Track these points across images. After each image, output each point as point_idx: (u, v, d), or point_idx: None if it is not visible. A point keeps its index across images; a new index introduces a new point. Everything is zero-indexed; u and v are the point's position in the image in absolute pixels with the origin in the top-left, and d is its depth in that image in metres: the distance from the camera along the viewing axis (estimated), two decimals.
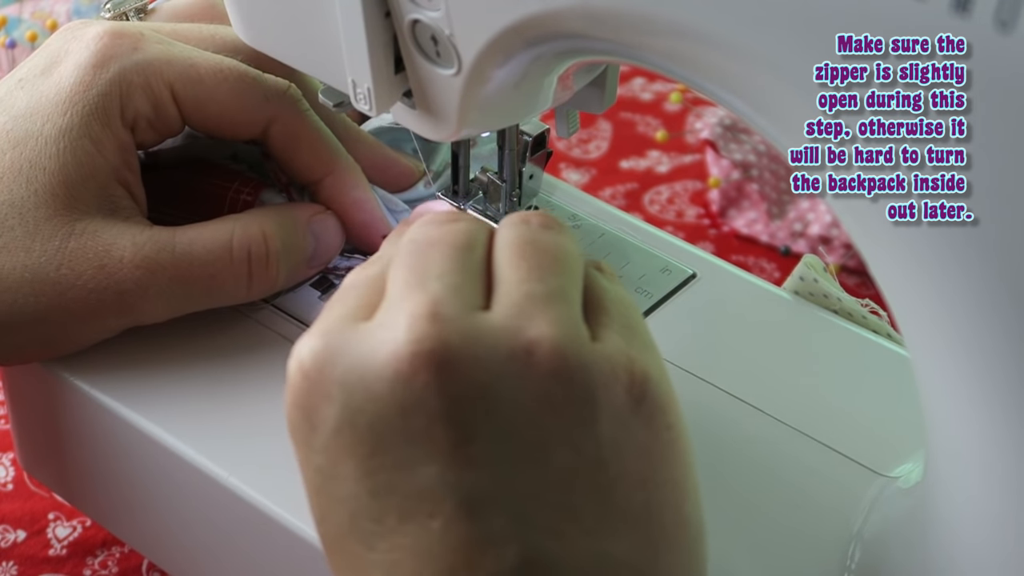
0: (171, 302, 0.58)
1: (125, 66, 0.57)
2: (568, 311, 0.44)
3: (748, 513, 0.54)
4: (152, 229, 0.57)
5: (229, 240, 0.58)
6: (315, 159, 0.61)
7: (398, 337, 0.43)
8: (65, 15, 0.92)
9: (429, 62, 0.52)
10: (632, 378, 0.44)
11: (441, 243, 0.46)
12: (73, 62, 0.57)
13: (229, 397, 0.57)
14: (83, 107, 0.57)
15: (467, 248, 0.46)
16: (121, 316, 0.58)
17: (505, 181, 0.63)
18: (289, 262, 0.59)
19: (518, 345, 0.43)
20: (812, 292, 0.62)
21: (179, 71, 0.58)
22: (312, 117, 0.61)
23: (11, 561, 0.67)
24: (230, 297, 0.59)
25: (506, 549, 0.42)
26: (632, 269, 0.64)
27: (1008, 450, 0.44)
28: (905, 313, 0.45)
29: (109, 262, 0.56)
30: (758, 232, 0.84)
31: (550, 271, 0.45)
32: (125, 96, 0.57)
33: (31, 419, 0.64)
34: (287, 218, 0.60)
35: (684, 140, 0.91)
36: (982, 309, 0.41)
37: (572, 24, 0.47)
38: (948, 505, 0.48)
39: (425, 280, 0.44)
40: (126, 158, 0.58)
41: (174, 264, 0.57)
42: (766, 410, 0.58)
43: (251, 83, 0.59)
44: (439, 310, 0.43)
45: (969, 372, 0.43)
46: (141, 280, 0.57)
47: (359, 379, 0.43)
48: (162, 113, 0.58)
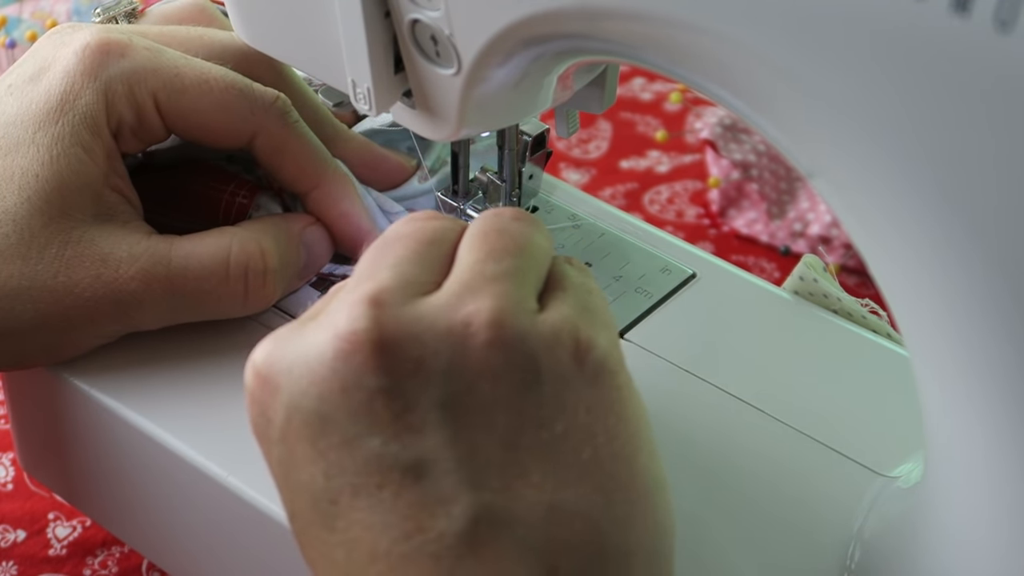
0: (167, 313, 0.58)
1: (111, 75, 0.57)
2: (514, 287, 0.46)
3: (748, 513, 0.54)
4: (150, 239, 0.58)
5: (226, 257, 0.58)
6: (300, 172, 0.61)
7: (338, 322, 0.45)
8: (65, 15, 0.92)
9: (429, 62, 0.52)
10: (577, 344, 0.45)
11: (405, 238, 0.48)
12: (62, 69, 0.57)
13: (229, 397, 0.57)
14: (73, 115, 0.57)
15: (431, 242, 0.48)
16: (118, 323, 0.58)
17: (505, 181, 0.63)
18: (284, 277, 0.60)
19: (456, 320, 0.45)
20: (812, 292, 0.62)
21: (163, 80, 0.58)
22: (299, 129, 0.60)
23: (11, 561, 0.67)
24: (225, 312, 0.59)
25: (455, 508, 0.43)
26: (632, 269, 0.64)
27: (1008, 450, 0.44)
28: (905, 313, 0.45)
29: (106, 271, 0.57)
30: (758, 232, 0.84)
31: (506, 253, 0.47)
32: (110, 104, 0.57)
33: (31, 419, 0.64)
34: (282, 232, 0.60)
35: (684, 140, 0.91)
36: (982, 309, 0.41)
37: (572, 24, 0.47)
38: (948, 505, 0.48)
39: (376, 271, 0.46)
40: (114, 165, 0.58)
41: (169, 278, 0.57)
42: (766, 410, 0.58)
43: (236, 95, 0.59)
44: (381, 296, 0.45)
45: (969, 372, 0.43)
46: (137, 291, 0.57)
47: (303, 364, 0.45)
48: (145, 121, 0.58)
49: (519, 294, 0.46)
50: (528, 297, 0.46)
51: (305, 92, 0.63)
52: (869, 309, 0.62)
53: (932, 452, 0.49)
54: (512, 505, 0.44)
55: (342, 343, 0.44)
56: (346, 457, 0.44)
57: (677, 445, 0.56)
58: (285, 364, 0.45)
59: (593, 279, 0.50)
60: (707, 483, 0.55)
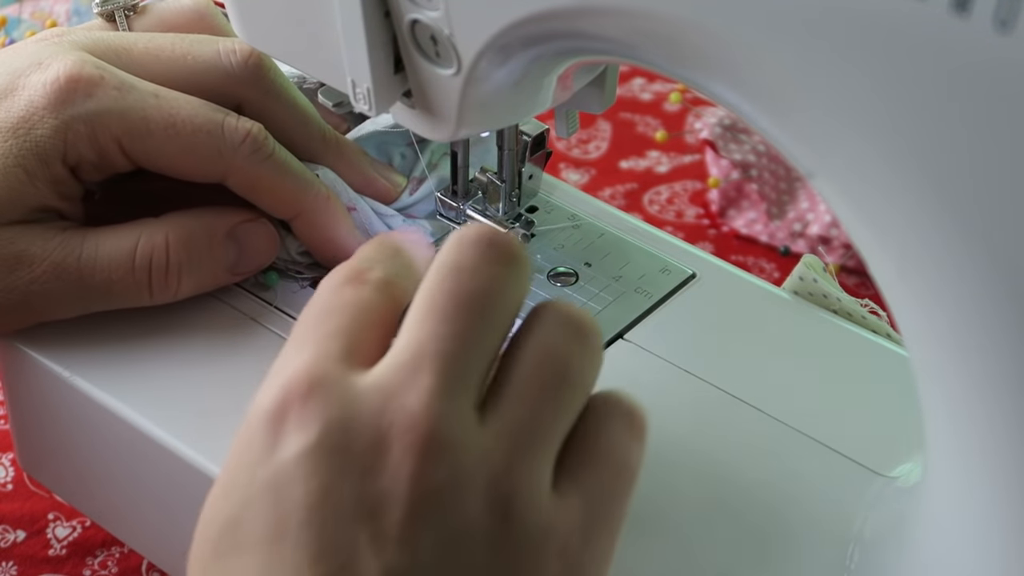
0: (74, 305, 0.59)
1: (73, 115, 0.57)
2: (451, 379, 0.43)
3: (748, 513, 0.54)
4: (64, 233, 0.58)
5: (133, 248, 0.58)
6: (278, 204, 0.60)
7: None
8: (65, 15, 0.92)
9: (428, 62, 0.52)
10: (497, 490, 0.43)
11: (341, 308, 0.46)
12: (26, 98, 0.57)
13: (229, 398, 0.57)
14: (24, 141, 0.57)
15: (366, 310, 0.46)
16: (26, 317, 0.59)
17: (504, 181, 0.63)
18: (197, 272, 0.59)
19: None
20: (812, 292, 0.62)
21: (128, 125, 0.57)
22: (274, 162, 0.59)
23: (11, 561, 0.67)
24: (130, 303, 0.59)
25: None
26: (632, 269, 0.64)
27: (1007, 450, 0.44)
28: (904, 312, 0.45)
29: (19, 267, 0.57)
30: (758, 232, 0.84)
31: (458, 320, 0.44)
32: (70, 143, 0.57)
33: (31, 419, 0.64)
34: (201, 226, 0.59)
35: (684, 140, 0.91)
36: (981, 309, 0.41)
37: (572, 23, 0.47)
38: (947, 505, 0.48)
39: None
40: (60, 191, 0.58)
41: (79, 269, 0.58)
42: (766, 410, 0.58)
43: (204, 137, 0.58)
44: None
45: (968, 372, 0.43)
46: (47, 284, 0.58)
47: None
48: (108, 160, 0.58)
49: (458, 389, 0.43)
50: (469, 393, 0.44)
51: (294, 106, 0.62)
52: (869, 309, 0.62)
53: (931, 452, 0.49)
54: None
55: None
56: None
57: (676, 445, 0.56)
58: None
59: (640, 447, 0.46)
60: (707, 483, 0.55)
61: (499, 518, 0.43)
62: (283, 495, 0.43)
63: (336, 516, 0.42)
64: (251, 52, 0.60)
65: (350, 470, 0.43)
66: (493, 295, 0.44)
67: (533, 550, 0.43)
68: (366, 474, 0.42)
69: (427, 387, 0.43)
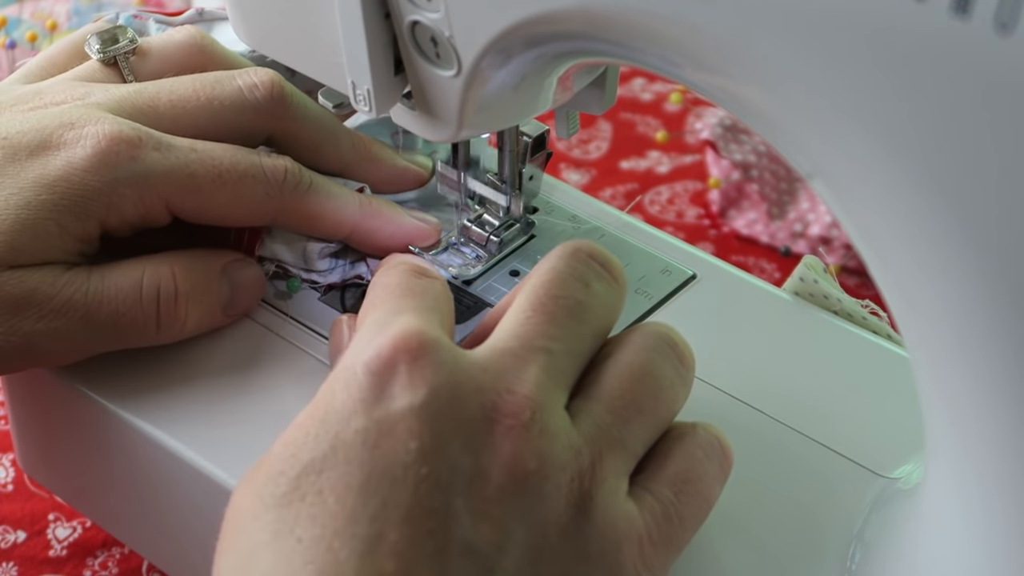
0: (76, 343, 0.57)
1: (118, 178, 0.56)
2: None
3: (748, 514, 0.54)
4: (71, 271, 0.56)
5: (139, 278, 0.57)
6: (332, 228, 0.60)
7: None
8: (65, 15, 0.92)
9: (429, 63, 0.52)
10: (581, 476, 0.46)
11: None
12: (64, 158, 0.55)
13: (229, 399, 0.57)
14: (61, 198, 0.55)
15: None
16: (26, 361, 0.57)
17: (505, 182, 0.63)
18: (199, 305, 0.58)
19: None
20: (812, 293, 0.62)
21: (176, 184, 0.56)
22: (316, 190, 0.59)
23: (11, 562, 0.67)
24: (137, 339, 0.58)
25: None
26: (632, 270, 0.64)
27: (1008, 450, 0.44)
28: (905, 313, 0.45)
29: (28, 307, 0.55)
30: (758, 233, 0.84)
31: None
32: (114, 206, 0.56)
33: (31, 421, 0.64)
34: (198, 262, 0.59)
35: (684, 140, 0.91)
36: (982, 310, 0.41)
37: (572, 24, 0.47)
38: (948, 506, 0.48)
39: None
40: (85, 247, 0.57)
41: (85, 304, 0.56)
42: (766, 411, 0.58)
43: (250, 183, 0.58)
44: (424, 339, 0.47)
45: (969, 373, 0.43)
46: (52, 322, 0.56)
47: None
48: (151, 218, 0.57)
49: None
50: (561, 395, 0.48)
51: (321, 123, 0.61)
52: (869, 310, 0.62)
53: (932, 453, 0.49)
54: None
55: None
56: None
57: None
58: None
59: (722, 487, 0.51)
60: None
61: (578, 512, 0.46)
62: (381, 449, 0.44)
63: (431, 482, 0.44)
64: (272, 82, 0.60)
65: (451, 439, 0.45)
66: (597, 308, 0.49)
67: (608, 546, 0.46)
68: (466, 447, 0.45)
69: (534, 377, 0.46)
